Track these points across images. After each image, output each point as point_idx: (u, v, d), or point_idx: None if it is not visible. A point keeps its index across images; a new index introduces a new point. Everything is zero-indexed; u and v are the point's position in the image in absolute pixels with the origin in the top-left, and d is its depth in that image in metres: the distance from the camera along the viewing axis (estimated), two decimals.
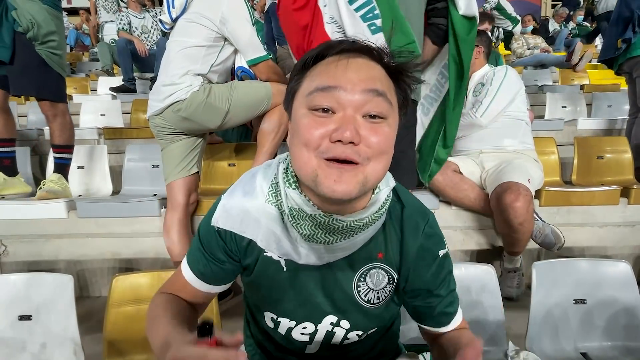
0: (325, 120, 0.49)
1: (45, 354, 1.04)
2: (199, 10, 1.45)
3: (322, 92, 0.49)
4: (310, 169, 0.49)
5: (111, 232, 1.73)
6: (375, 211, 0.55)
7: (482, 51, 1.89)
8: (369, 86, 0.49)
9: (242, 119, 1.61)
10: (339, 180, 0.48)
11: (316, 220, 0.53)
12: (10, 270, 1.73)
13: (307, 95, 0.51)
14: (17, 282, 1.06)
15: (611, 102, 3.25)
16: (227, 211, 0.59)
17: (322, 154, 0.48)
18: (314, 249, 0.57)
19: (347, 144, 0.47)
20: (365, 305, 0.62)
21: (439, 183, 1.73)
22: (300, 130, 0.50)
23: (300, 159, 0.50)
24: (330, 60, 0.52)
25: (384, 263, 0.61)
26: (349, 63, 0.51)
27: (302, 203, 0.53)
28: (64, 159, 1.87)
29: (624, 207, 1.82)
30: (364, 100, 0.49)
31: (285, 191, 0.55)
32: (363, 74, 0.50)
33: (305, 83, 0.53)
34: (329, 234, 0.54)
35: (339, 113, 0.49)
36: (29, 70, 1.70)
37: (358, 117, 0.49)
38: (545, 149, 2.17)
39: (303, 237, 0.55)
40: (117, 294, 1.04)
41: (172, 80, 1.44)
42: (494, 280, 1.09)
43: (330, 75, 0.50)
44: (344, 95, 0.49)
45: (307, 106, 0.51)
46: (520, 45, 4.54)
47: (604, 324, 1.09)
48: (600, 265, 1.13)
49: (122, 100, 3.31)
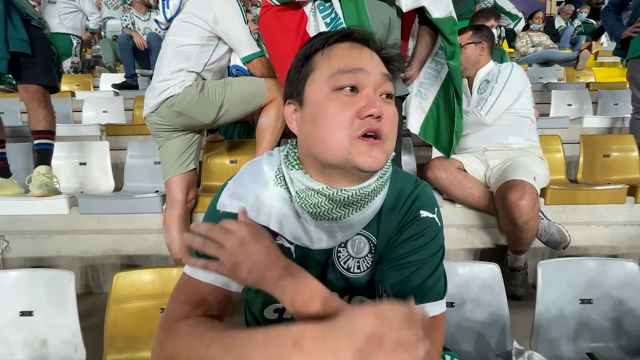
0: (352, 100, 0.53)
1: (46, 350, 1.04)
2: (192, 11, 1.48)
3: (348, 74, 0.54)
4: (343, 148, 0.52)
5: (113, 228, 1.73)
6: (378, 178, 0.57)
7: (486, 47, 1.85)
8: (384, 70, 0.57)
9: (237, 114, 1.61)
10: (372, 155, 0.52)
11: (324, 194, 0.55)
12: (13, 266, 1.74)
13: (330, 77, 0.54)
14: (19, 278, 1.06)
15: (617, 100, 3.21)
16: (235, 197, 0.59)
17: (356, 131, 0.52)
18: (326, 229, 0.57)
19: (376, 118, 0.52)
20: (345, 273, 0.60)
21: (442, 181, 1.71)
22: (327, 112, 0.53)
23: (331, 140, 0.53)
24: (344, 45, 0.57)
25: (366, 230, 0.60)
26: (364, 50, 0.57)
27: (308, 180, 0.56)
28: (49, 144, 1.86)
29: (630, 206, 1.80)
30: (381, 81, 0.55)
31: (290, 175, 0.57)
32: (376, 61, 0.57)
33: (322, 66, 0.56)
34: (339, 208, 0.55)
35: (363, 91, 0.54)
36: (50, 64, 1.79)
37: (377, 95, 0.55)
38: (550, 147, 2.15)
39: (313, 216, 0.56)
40: (118, 290, 1.03)
41: (165, 77, 1.47)
42: (498, 278, 1.08)
43: (352, 58, 0.55)
44: (367, 77, 0.54)
45: (331, 87, 0.54)
46: (524, 43, 4.49)
47: (610, 324, 1.08)
48: (607, 264, 1.11)
49: (124, 97, 3.31)
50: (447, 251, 0.61)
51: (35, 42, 1.71)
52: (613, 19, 2.47)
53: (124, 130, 2.68)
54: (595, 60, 4.84)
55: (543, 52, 4.39)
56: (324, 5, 1.29)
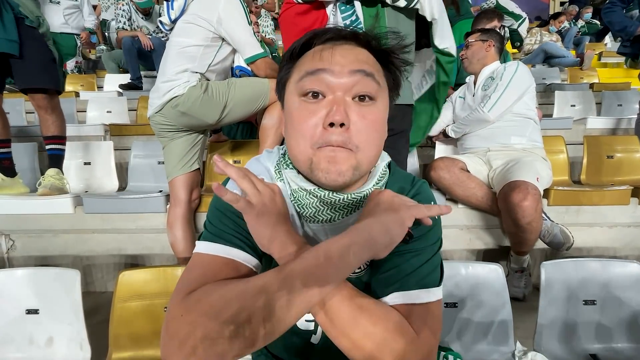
0: (316, 107, 0.50)
1: (52, 347, 1.05)
2: (196, 12, 1.49)
3: (311, 76, 0.50)
4: (307, 158, 0.50)
5: (117, 227, 1.74)
6: (373, 184, 0.55)
7: (493, 45, 1.86)
8: (357, 67, 0.50)
9: (240, 114, 1.62)
10: (333, 160, 0.49)
11: (316, 195, 0.53)
12: (18, 265, 1.75)
13: (297, 82, 0.52)
14: (24, 277, 1.07)
15: (621, 100, 3.20)
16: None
17: (316, 144, 0.49)
18: (319, 230, 0.56)
19: (338, 126, 0.48)
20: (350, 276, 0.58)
21: (445, 181, 1.71)
22: (293, 120, 0.52)
23: (296, 148, 0.52)
24: (317, 48, 0.53)
25: None
26: (336, 48, 0.52)
27: (300, 180, 0.54)
28: (60, 149, 1.87)
29: (634, 207, 1.79)
30: (352, 81, 0.50)
31: (285, 174, 0.56)
32: (350, 57, 0.51)
33: (295, 72, 0.54)
34: (331, 210, 0.54)
35: (329, 96, 0.50)
36: (46, 65, 1.73)
37: (348, 99, 0.50)
38: (554, 148, 2.14)
39: (305, 217, 0.55)
40: (123, 289, 1.04)
41: (169, 77, 1.48)
42: (501, 279, 1.08)
43: (317, 59, 0.51)
44: (332, 78, 0.50)
45: (298, 93, 0.52)
46: (532, 42, 4.47)
47: (613, 325, 1.07)
48: (611, 265, 1.11)
49: (128, 97, 3.33)
50: (449, 252, 0.60)
51: (27, 43, 1.64)
52: (622, 14, 2.36)
53: (128, 130, 2.69)
54: (599, 61, 4.81)
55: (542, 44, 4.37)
56: (345, 6, 1.31)
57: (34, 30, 1.68)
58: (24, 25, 1.64)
